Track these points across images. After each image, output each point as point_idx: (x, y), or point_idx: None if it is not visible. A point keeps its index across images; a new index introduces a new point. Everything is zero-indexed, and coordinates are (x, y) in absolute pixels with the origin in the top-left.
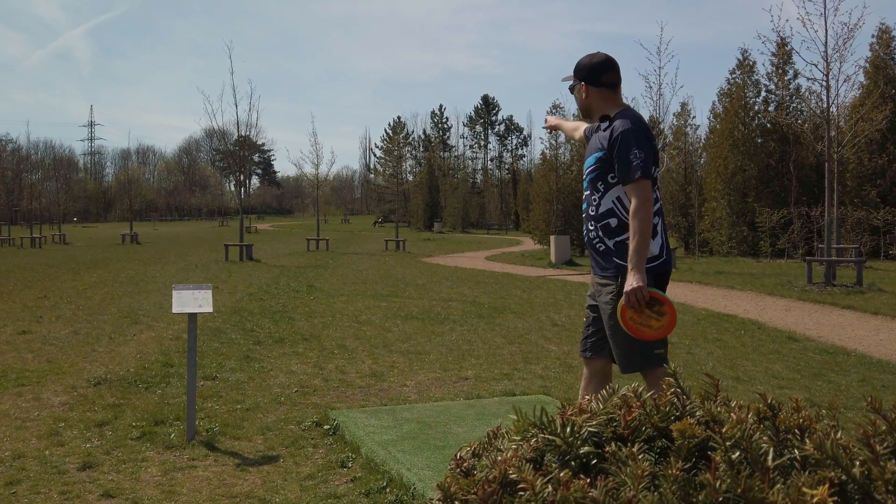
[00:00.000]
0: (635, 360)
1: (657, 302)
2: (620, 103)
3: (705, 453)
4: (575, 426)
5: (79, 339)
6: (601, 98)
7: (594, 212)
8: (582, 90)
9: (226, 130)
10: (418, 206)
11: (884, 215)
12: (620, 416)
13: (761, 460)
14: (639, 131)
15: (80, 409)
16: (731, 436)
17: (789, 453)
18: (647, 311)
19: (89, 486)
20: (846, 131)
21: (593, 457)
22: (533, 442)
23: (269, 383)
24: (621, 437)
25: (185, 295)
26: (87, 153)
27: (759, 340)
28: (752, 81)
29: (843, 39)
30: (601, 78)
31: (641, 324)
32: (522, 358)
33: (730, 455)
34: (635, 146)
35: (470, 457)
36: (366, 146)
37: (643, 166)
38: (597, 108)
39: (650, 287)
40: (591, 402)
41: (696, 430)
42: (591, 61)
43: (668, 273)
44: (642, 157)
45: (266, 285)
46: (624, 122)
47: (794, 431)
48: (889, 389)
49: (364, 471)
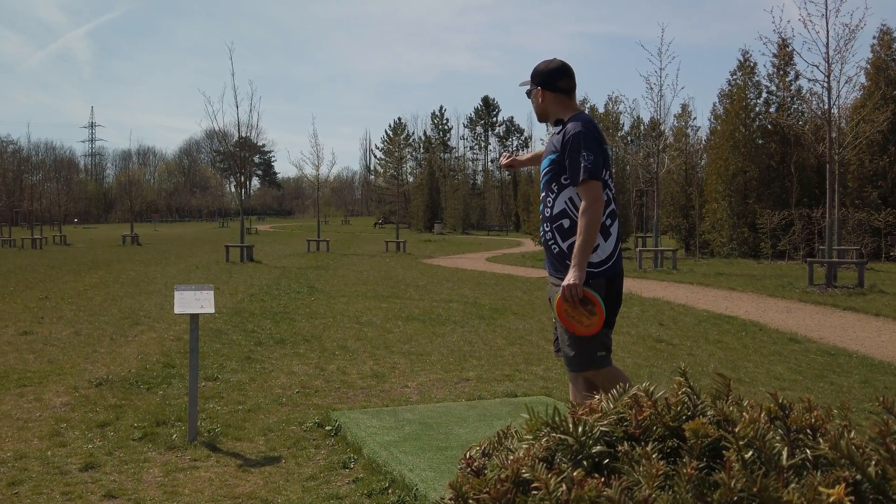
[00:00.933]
0: (581, 360)
1: (590, 302)
2: (575, 108)
3: (717, 453)
4: (587, 425)
5: (80, 340)
6: (556, 103)
7: (549, 213)
8: (538, 95)
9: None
10: (419, 207)
11: (885, 217)
12: (632, 416)
13: (775, 459)
14: (589, 134)
15: (81, 410)
16: (745, 435)
17: (801, 453)
18: (579, 308)
19: (91, 487)
20: (847, 133)
21: (605, 456)
22: (545, 441)
23: (270, 384)
24: (633, 437)
25: (186, 296)
26: (87, 154)
27: (761, 342)
28: (753, 83)
29: (845, 40)
30: (557, 83)
31: (573, 318)
32: (524, 359)
33: (743, 454)
34: (584, 148)
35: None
36: (366, 147)
37: (592, 168)
38: (552, 112)
39: (587, 287)
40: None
41: (708, 430)
42: (547, 67)
43: (621, 274)
44: (591, 158)
45: (267, 286)
46: (575, 125)
47: (806, 431)
48: (891, 391)
49: (366, 472)
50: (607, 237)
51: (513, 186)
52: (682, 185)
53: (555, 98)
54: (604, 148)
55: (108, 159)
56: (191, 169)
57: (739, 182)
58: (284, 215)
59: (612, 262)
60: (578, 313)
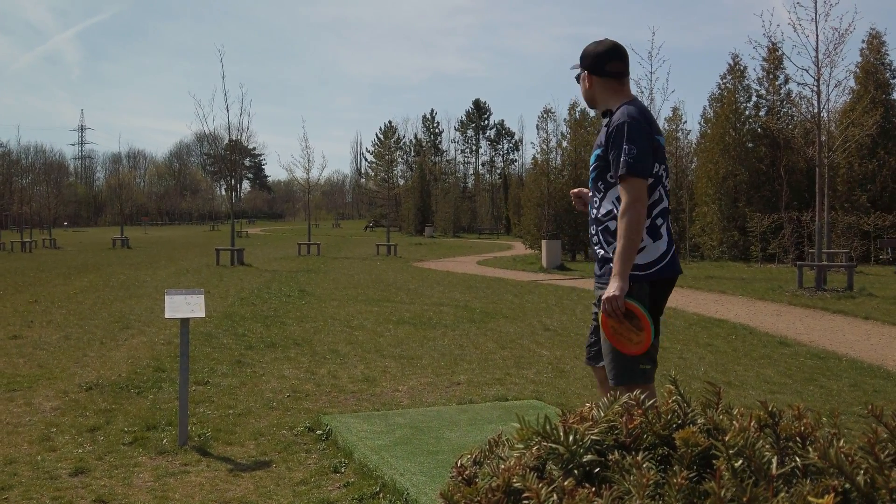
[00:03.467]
0: (620, 373)
1: (635, 315)
2: (626, 94)
3: (707, 461)
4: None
5: (70, 344)
6: (605, 88)
7: (595, 214)
8: (585, 79)
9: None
10: (409, 210)
11: (874, 220)
12: (622, 424)
13: (765, 468)
14: (634, 123)
15: (71, 415)
16: (735, 444)
17: (791, 461)
18: (626, 323)
19: (81, 492)
20: (837, 136)
21: (596, 465)
22: (535, 450)
23: (261, 388)
24: (623, 445)
25: (177, 300)
26: (77, 157)
27: (751, 345)
28: (743, 86)
29: (834, 44)
30: (605, 67)
31: (621, 335)
32: (514, 363)
33: (733, 463)
34: (627, 140)
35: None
36: (357, 150)
37: (633, 162)
38: (601, 100)
39: (630, 299)
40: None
41: (699, 439)
42: (595, 49)
43: (672, 280)
44: (634, 152)
45: (258, 290)
46: (621, 115)
47: (796, 439)
48: (881, 394)
49: (357, 476)
50: (656, 237)
51: (503, 190)
52: (672, 189)
53: (603, 83)
54: (654, 139)
55: (97, 162)
56: (181, 172)
57: (729, 185)
58: (275, 218)
59: (661, 266)
60: (626, 329)
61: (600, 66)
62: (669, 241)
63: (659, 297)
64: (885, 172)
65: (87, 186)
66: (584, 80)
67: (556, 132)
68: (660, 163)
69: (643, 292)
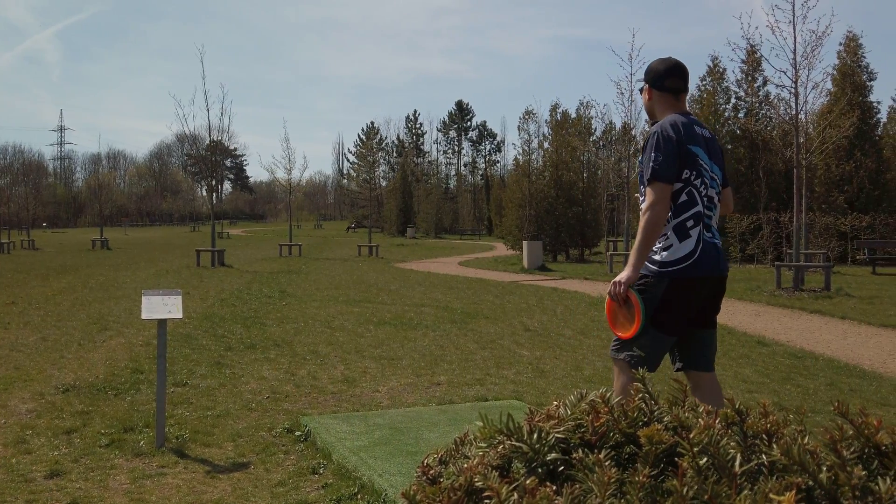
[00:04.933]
0: (618, 346)
1: (631, 305)
2: (680, 109)
3: (673, 459)
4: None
5: (47, 346)
6: (662, 102)
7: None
8: (646, 92)
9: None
10: (392, 211)
11: (851, 221)
12: (588, 422)
13: (728, 466)
14: (664, 133)
15: (47, 417)
16: (699, 441)
17: (757, 458)
18: (623, 309)
19: (56, 495)
20: (814, 138)
21: (560, 463)
22: (500, 448)
23: (240, 389)
24: (589, 444)
25: (154, 301)
26: (56, 158)
27: (729, 345)
28: (722, 88)
29: (812, 47)
30: (664, 82)
31: (617, 318)
32: (495, 363)
33: (697, 461)
34: (654, 149)
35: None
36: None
37: (658, 168)
38: (658, 112)
39: (634, 289)
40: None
41: (663, 436)
42: (658, 65)
43: (698, 281)
44: (660, 159)
45: (238, 291)
46: (656, 126)
47: (762, 437)
48: (856, 393)
49: (335, 477)
50: (684, 238)
51: (485, 191)
52: None
53: (661, 97)
54: (686, 148)
55: (77, 163)
56: (161, 173)
57: None
58: (257, 219)
59: (685, 265)
60: (622, 314)
61: (660, 81)
62: (699, 244)
63: (685, 297)
64: (861, 174)
65: (67, 187)
66: (646, 93)
67: (538, 133)
68: (690, 169)
69: (660, 286)
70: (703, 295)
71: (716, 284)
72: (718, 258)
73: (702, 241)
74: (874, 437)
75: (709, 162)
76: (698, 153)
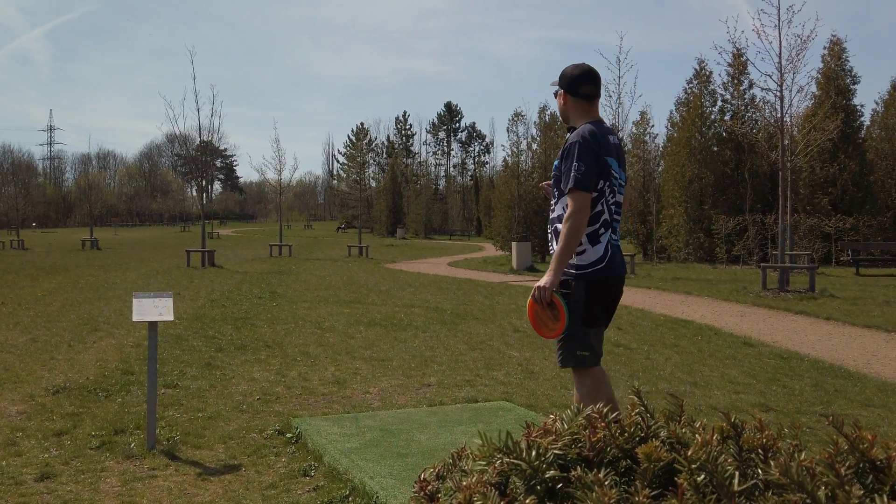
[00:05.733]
0: (563, 358)
1: (556, 307)
2: (594, 115)
3: (671, 476)
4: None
5: (37, 347)
6: (577, 108)
7: (552, 215)
8: (561, 97)
9: (188, 135)
10: (381, 212)
11: (835, 223)
12: (585, 437)
13: (727, 484)
14: (585, 144)
15: (37, 419)
16: (697, 458)
17: (753, 472)
18: (547, 311)
19: (47, 498)
20: (799, 140)
21: (559, 481)
22: (498, 465)
23: (230, 391)
24: (586, 459)
25: (145, 303)
26: (46, 158)
27: (716, 346)
28: (708, 91)
29: (797, 51)
30: (579, 88)
31: (541, 320)
32: (484, 364)
33: (695, 478)
34: (577, 158)
35: (434, 479)
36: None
37: (580, 178)
38: (572, 117)
39: (557, 293)
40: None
41: (661, 454)
42: (572, 71)
43: (609, 280)
44: (582, 169)
45: (228, 291)
46: (576, 135)
47: (758, 451)
48: (841, 393)
49: (327, 479)
50: (595, 244)
51: (475, 191)
52: (639, 191)
53: (576, 103)
54: (603, 159)
55: (67, 163)
56: (152, 173)
57: (695, 188)
58: (247, 220)
59: (598, 268)
60: (546, 316)
61: (574, 87)
62: (608, 248)
63: (601, 294)
64: (845, 176)
65: (57, 187)
66: (560, 98)
67: (527, 135)
68: (605, 180)
69: (580, 288)
70: (611, 293)
71: (619, 284)
72: (622, 259)
73: (610, 246)
74: (869, 453)
75: (618, 170)
76: (612, 164)
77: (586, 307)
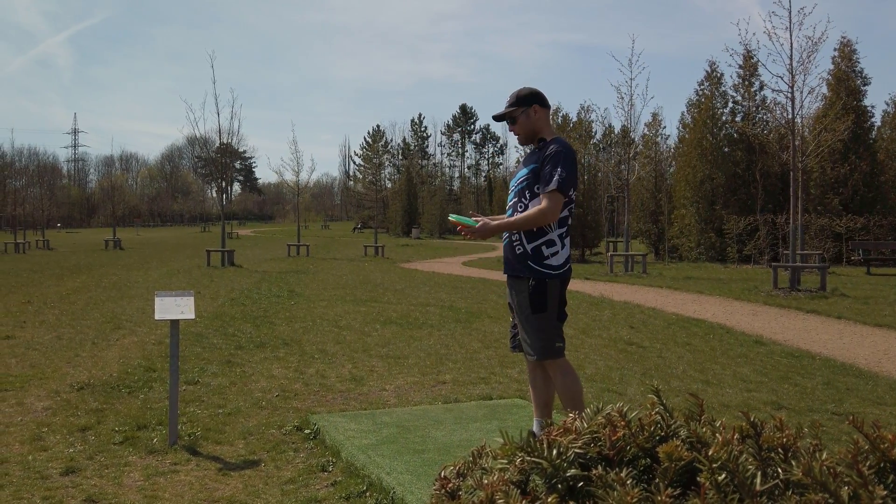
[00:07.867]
0: (543, 351)
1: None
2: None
3: (691, 475)
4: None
5: (62, 345)
6: (545, 120)
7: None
8: (534, 111)
9: (208, 138)
10: (397, 212)
11: (846, 222)
12: (605, 436)
13: (748, 484)
14: (570, 155)
15: (63, 414)
16: (718, 458)
17: (773, 472)
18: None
19: (72, 491)
20: (810, 141)
21: (580, 479)
22: (519, 463)
23: (250, 388)
24: (606, 458)
25: (167, 302)
26: (70, 160)
27: (728, 344)
28: (719, 93)
29: (808, 52)
30: (545, 101)
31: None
32: (499, 362)
33: (716, 478)
34: (562, 165)
35: (454, 476)
36: (345, 154)
37: (562, 182)
38: (545, 129)
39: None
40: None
41: (682, 453)
42: (532, 90)
43: (569, 278)
44: (564, 176)
45: (247, 290)
46: (559, 146)
47: (778, 450)
48: (853, 392)
49: (344, 475)
50: (563, 246)
51: (488, 192)
52: (651, 192)
53: (545, 114)
54: (576, 171)
55: (90, 165)
56: (173, 174)
57: (707, 189)
58: (265, 220)
59: (567, 267)
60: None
61: (543, 101)
62: (567, 250)
63: (565, 291)
64: (856, 176)
65: (80, 188)
66: (534, 113)
67: None
68: (574, 190)
69: (555, 286)
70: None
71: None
72: None
73: (567, 247)
74: (889, 452)
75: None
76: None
77: (560, 303)
